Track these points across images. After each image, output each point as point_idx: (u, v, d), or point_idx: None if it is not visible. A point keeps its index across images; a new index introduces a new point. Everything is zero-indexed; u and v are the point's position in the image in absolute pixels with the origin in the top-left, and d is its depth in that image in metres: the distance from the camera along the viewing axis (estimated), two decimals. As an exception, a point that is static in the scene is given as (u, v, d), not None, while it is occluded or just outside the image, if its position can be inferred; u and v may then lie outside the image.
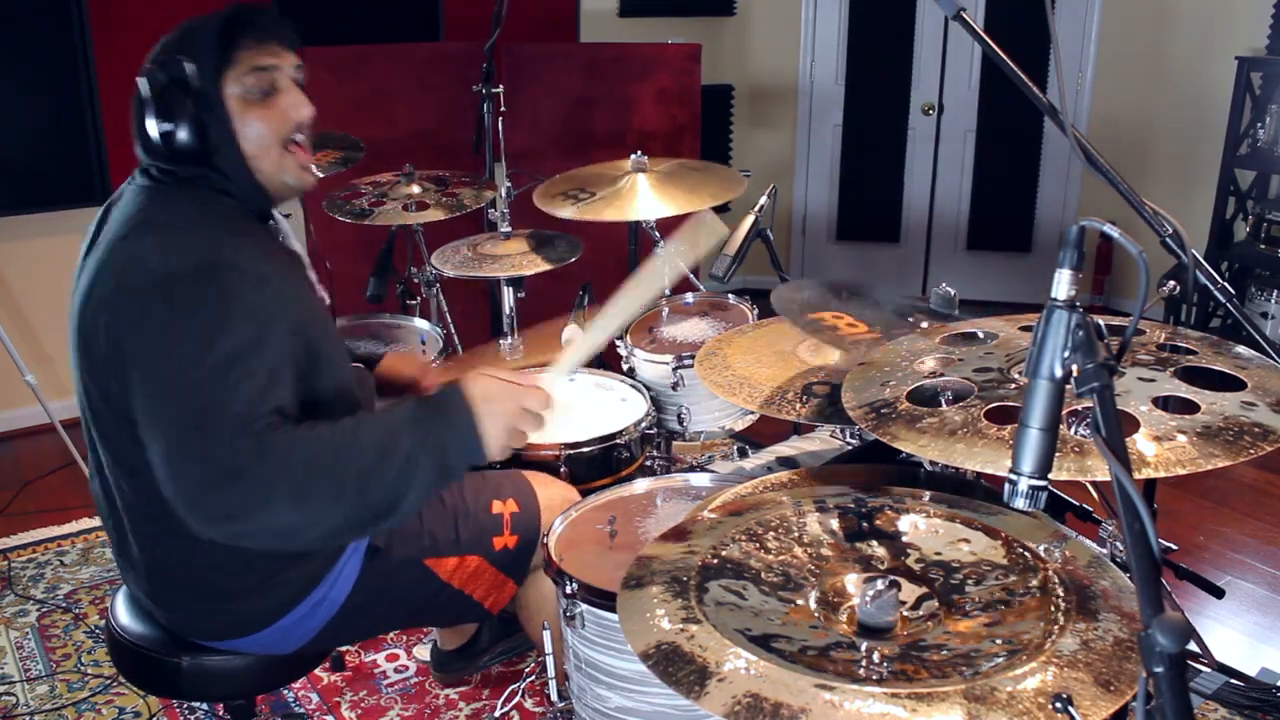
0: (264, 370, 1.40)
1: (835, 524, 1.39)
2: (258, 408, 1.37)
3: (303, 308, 1.55)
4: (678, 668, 1.09)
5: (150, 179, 1.57)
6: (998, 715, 0.99)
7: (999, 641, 1.13)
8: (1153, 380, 1.34)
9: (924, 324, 1.82)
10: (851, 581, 1.28)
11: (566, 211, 2.59)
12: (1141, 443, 1.20)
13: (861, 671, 1.09)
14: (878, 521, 1.39)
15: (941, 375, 1.45)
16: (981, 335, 1.58)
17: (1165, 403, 1.29)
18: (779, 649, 1.12)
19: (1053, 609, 1.16)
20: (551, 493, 1.91)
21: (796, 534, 1.37)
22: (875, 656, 1.11)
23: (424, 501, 1.45)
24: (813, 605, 1.24)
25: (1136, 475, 1.08)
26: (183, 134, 1.51)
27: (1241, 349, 1.43)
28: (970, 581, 1.27)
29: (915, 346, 1.58)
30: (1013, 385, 1.37)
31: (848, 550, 1.35)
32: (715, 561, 1.29)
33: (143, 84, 1.53)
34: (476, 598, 1.81)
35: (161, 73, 1.52)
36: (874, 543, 1.36)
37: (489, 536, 1.80)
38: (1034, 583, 1.23)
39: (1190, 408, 1.27)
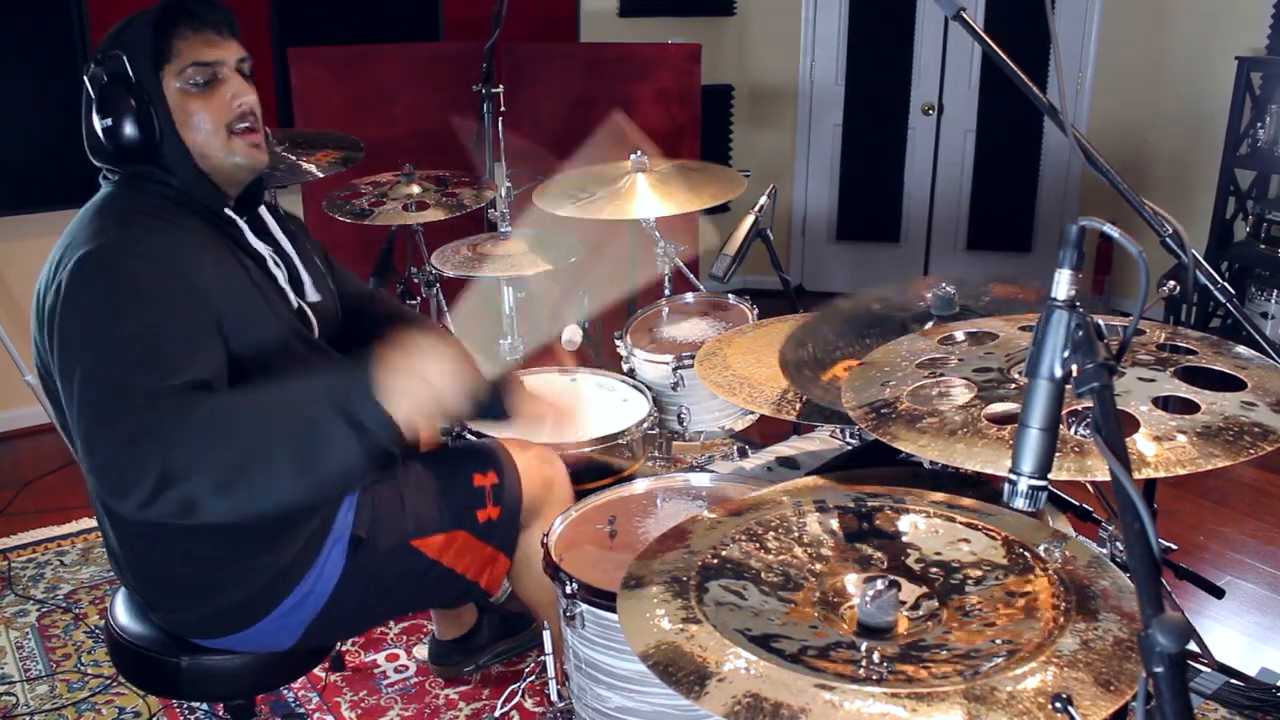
0: (174, 348, 1.39)
1: (835, 524, 1.39)
2: (167, 380, 1.34)
3: (229, 304, 1.52)
4: (677, 668, 1.09)
5: (104, 181, 1.60)
6: (997, 715, 0.99)
7: (999, 642, 1.13)
8: (1152, 380, 1.34)
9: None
10: (851, 581, 1.28)
11: (566, 210, 2.59)
12: (1141, 443, 1.20)
13: (861, 671, 1.09)
14: (877, 521, 1.39)
15: (941, 375, 1.45)
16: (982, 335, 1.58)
17: (1165, 403, 1.29)
18: (779, 649, 1.12)
19: (1053, 609, 1.16)
20: (528, 457, 1.91)
21: (797, 534, 1.37)
22: (875, 656, 1.11)
23: (357, 461, 1.34)
24: (813, 605, 1.24)
25: (1136, 475, 1.09)
26: (125, 129, 1.52)
27: (1241, 349, 1.43)
28: (970, 582, 1.27)
29: (915, 347, 1.58)
30: (1013, 385, 1.37)
31: (848, 550, 1.35)
32: (715, 562, 1.29)
33: (85, 83, 1.54)
34: (470, 576, 1.81)
35: (100, 69, 1.53)
36: (874, 543, 1.36)
37: (473, 510, 1.80)
38: (1034, 583, 1.23)
39: (1190, 408, 1.27)
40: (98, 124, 1.52)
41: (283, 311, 1.64)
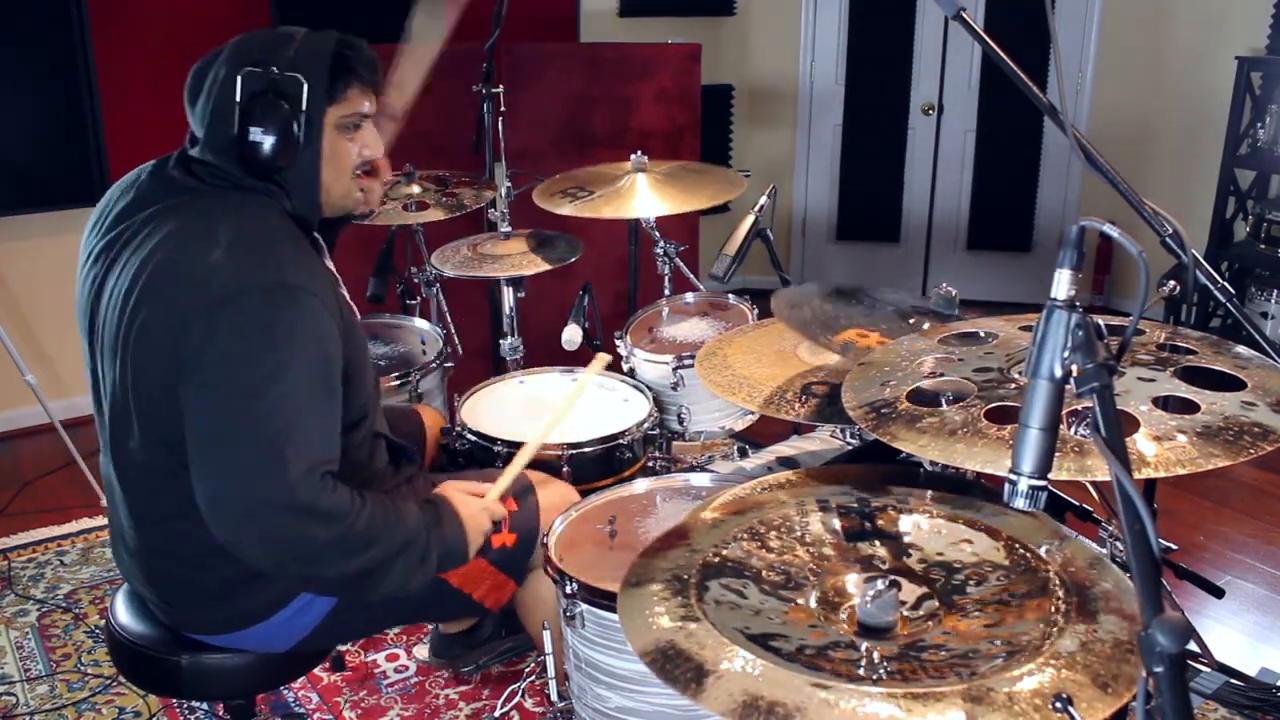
0: (329, 402, 1.51)
1: (836, 524, 1.39)
2: (326, 452, 1.49)
3: (346, 327, 1.61)
4: (675, 665, 1.09)
5: (196, 180, 1.58)
6: (997, 716, 0.99)
7: (999, 642, 1.13)
8: (1153, 380, 1.34)
9: (925, 325, 1.82)
10: (851, 581, 1.28)
11: (566, 209, 2.59)
12: (1141, 443, 1.20)
13: (860, 671, 1.09)
14: (879, 521, 1.39)
15: (941, 375, 1.45)
16: (982, 334, 1.58)
17: (1165, 402, 1.29)
18: (777, 648, 1.12)
19: (1053, 609, 1.16)
20: (551, 491, 1.91)
21: (798, 533, 1.37)
22: (875, 656, 1.11)
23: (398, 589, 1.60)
24: (813, 605, 1.24)
25: (1136, 475, 1.08)
26: (277, 148, 1.53)
27: (1241, 349, 1.43)
28: (971, 582, 1.27)
29: (915, 346, 1.58)
30: (1013, 385, 1.37)
31: (848, 550, 1.35)
32: (716, 560, 1.29)
33: (238, 83, 1.53)
34: (476, 597, 1.81)
35: (268, 81, 1.54)
36: (875, 543, 1.36)
37: (488, 535, 1.80)
38: (1034, 583, 1.23)
39: (1190, 408, 1.27)
40: (250, 130, 1.53)
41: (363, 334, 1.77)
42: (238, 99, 1.53)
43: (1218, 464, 1.17)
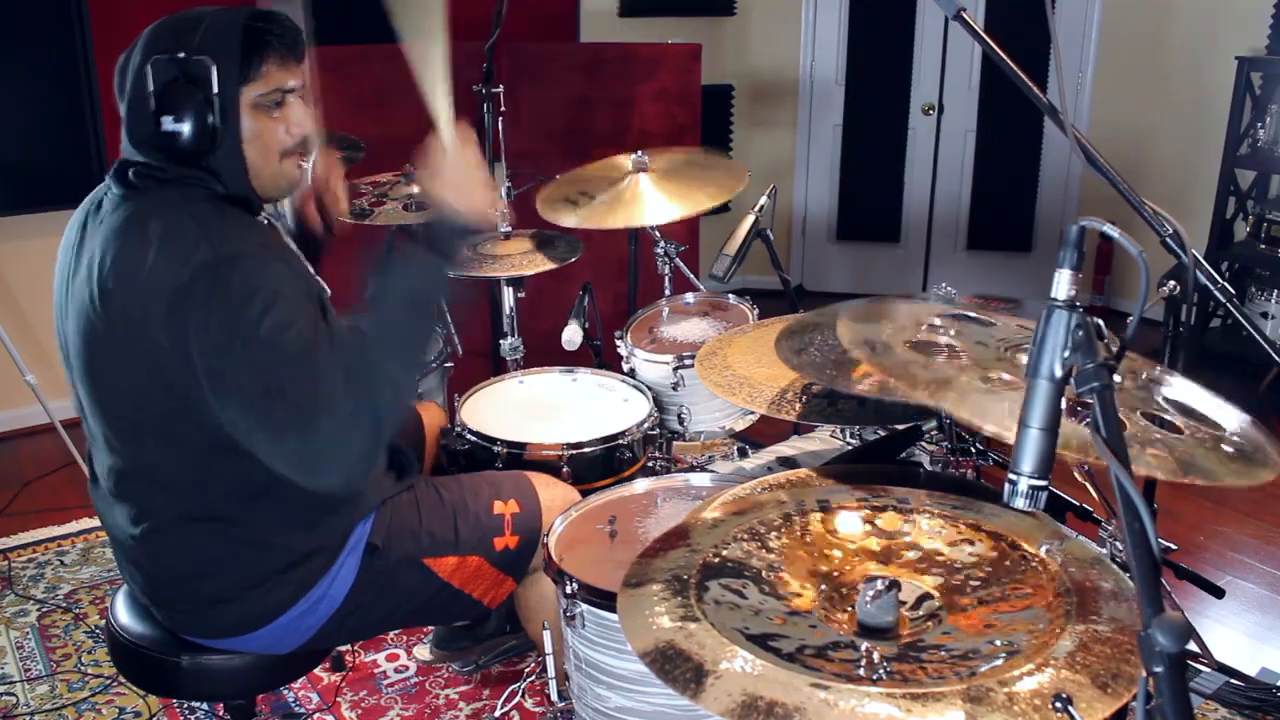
0: (301, 315, 1.47)
1: (837, 524, 1.39)
2: (312, 343, 1.45)
3: (309, 285, 1.59)
4: (675, 666, 1.09)
5: (126, 185, 1.54)
6: (996, 716, 0.99)
7: (999, 642, 1.13)
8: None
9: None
10: (851, 582, 1.28)
11: (569, 219, 2.58)
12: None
13: (860, 671, 1.09)
14: (879, 521, 1.39)
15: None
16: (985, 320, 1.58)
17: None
18: (777, 648, 1.12)
19: (1052, 610, 1.16)
20: (553, 494, 1.91)
21: (798, 533, 1.37)
22: (875, 656, 1.11)
23: (445, 296, 1.59)
24: (813, 605, 1.23)
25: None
26: (193, 134, 1.49)
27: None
28: (971, 582, 1.26)
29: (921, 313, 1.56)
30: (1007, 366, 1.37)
31: (849, 550, 1.34)
32: (716, 560, 1.29)
33: (148, 74, 1.49)
34: (475, 596, 1.81)
35: (175, 66, 1.49)
36: (875, 542, 1.36)
37: (490, 537, 1.80)
38: (1034, 583, 1.22)
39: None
40: (163, 121, 1.48)
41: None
42: (150, 88, 1.49)
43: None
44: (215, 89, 1.49)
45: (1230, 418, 1.40)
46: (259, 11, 1.54)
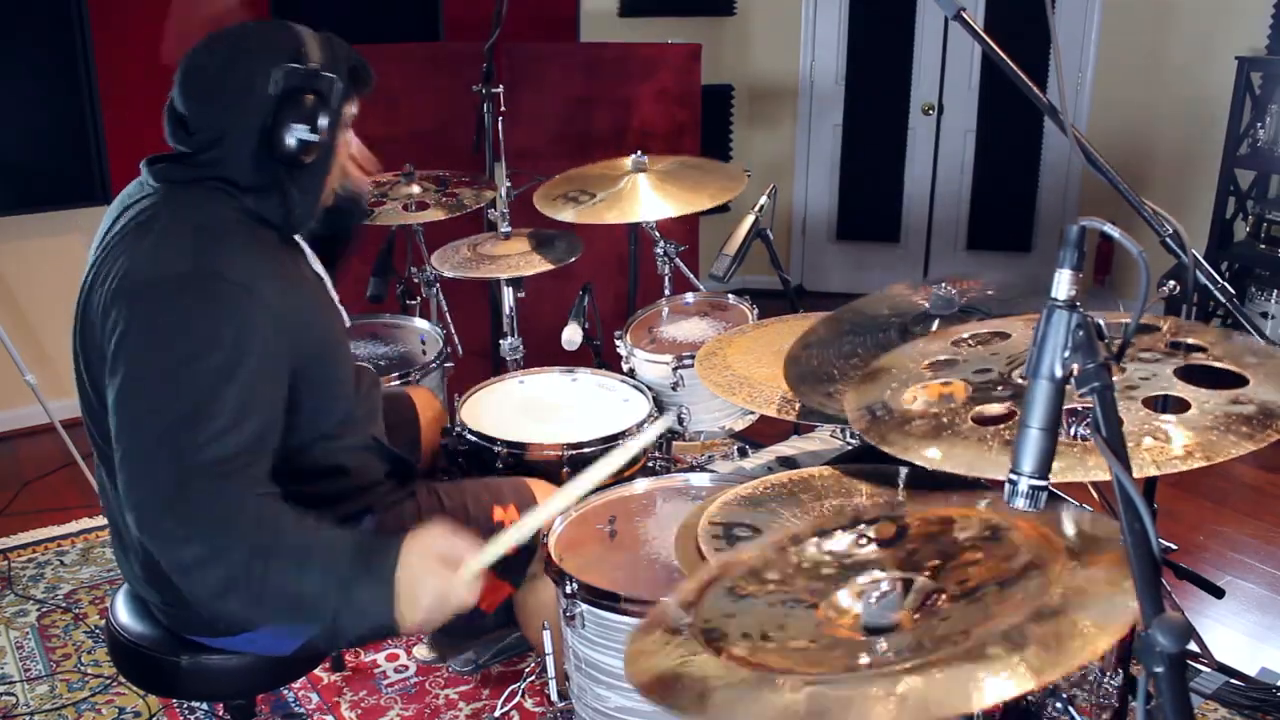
0: (237, 398, 1.39)
1: (837, 524, 1.39)
2: (225, 448, 1.37)
3: (309, 327, 1.56)
4: (679, 696, 1.07)
5: (165, 181, 1.55)
6: (995, 714, 0.99)
7: (1000, 634, 1.13)
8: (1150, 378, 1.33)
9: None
10: (854, 581, 1.28)
11: (567, 215, 2.59)
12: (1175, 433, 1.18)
13: (864, 670, 1.09)
14: (880, 520, 1.38)
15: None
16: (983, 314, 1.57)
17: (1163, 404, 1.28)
18: (777, 648, 1.12)
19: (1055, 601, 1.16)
20: (549, 494, 1.90)
21: (800, 534, 1.36)
22: (879, 651, 1.11)
23: (300, 627, 1.54)
24: (815, 606, 1.23)
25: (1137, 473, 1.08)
26: (302, 142, 1.53)
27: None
28: (971, 579, 1.26)
29: (927, 349, 1.57)
30: (1008, 390, 1.37)
31: (849, 550, 1.34)
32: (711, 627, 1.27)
33: (273, 78, 1.51)
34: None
35: (303, 77, 1.53)
36: (876, 542, 1.36)
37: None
38: (1034, 577, 1.22)
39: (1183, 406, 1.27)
40: (291, 128, 1.51)
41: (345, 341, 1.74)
42: (271, 92, 1.51)
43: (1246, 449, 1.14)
44: (333, 104, 1.56)
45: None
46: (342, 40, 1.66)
